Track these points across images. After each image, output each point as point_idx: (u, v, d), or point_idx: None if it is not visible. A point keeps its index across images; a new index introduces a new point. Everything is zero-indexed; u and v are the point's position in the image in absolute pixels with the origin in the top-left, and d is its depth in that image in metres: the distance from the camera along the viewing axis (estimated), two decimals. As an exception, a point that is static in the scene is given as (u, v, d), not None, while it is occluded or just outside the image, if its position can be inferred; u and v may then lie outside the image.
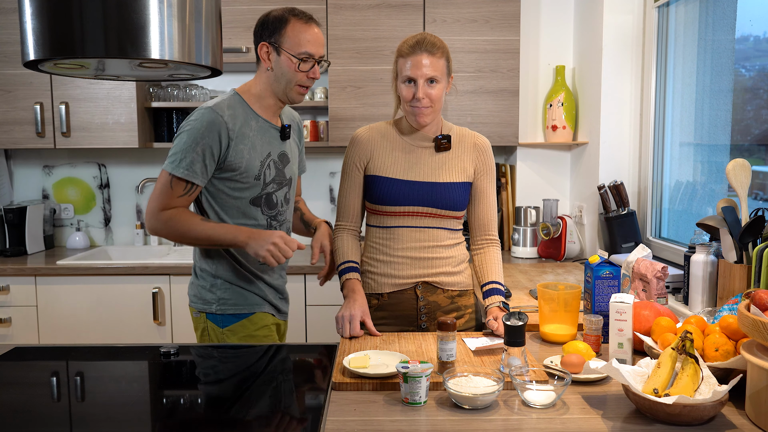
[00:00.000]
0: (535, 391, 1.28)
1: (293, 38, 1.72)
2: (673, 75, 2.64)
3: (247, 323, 1.82)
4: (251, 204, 1.79)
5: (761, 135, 2.15)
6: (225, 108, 1.72)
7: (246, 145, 1.74)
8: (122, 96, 3.06)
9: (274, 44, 1.73)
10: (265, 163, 1.79)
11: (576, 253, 3.04)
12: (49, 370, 1.57)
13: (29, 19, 1.21)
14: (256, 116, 1.79)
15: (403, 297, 1.84)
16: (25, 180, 3.47)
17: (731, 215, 1.77)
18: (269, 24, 1.74)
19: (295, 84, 1.76)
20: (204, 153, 1.69)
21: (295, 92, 1.78)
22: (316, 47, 1.74)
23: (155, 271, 2.87)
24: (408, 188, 1.81)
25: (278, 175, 1.83)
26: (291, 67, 1.73)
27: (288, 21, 1.72)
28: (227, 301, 1.81)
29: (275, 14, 1.75)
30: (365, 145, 1.85)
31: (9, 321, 2.88)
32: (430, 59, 1.74)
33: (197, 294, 1.84)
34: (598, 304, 1.65)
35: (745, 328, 1.18)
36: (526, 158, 3.33)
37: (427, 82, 1.75)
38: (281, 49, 1.73)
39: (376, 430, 1.19)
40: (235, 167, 1.73)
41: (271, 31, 1.73)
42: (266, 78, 1.77)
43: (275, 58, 1.74)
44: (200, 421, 1.28)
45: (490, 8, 3.04)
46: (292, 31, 1.72)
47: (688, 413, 1.15)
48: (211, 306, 1.81)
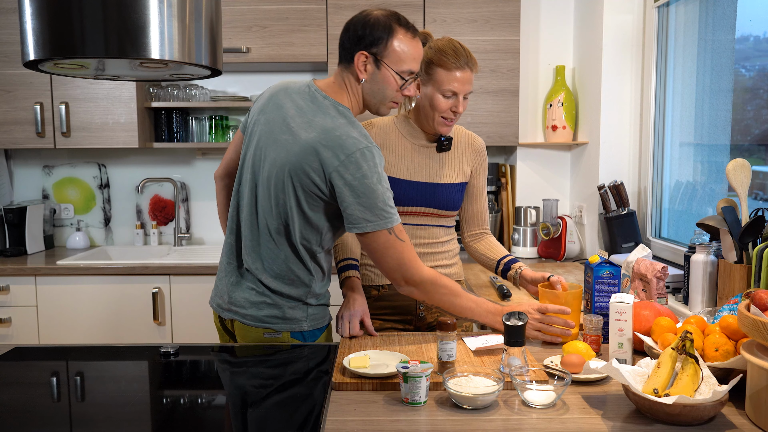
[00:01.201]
0: (535, 391, 1.28)
1: (398, 53, 1.53)
2: (673, 75, 2.64)
3: (327, 333, 1.74)
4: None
5: (761, 135, 2.15)
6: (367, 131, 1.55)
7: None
8: (122, 96, 3.06)
9: (376, 55, 1.53)
10: None
11: (576, 253, 3.04)
12: (49, 370, 1.57)
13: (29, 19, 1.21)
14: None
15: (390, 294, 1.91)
16: (25, 180, 3.47)
17: (731, 215, 1.77)
18: (372, 30, 1.52)
19: (389, 101, 1.60)
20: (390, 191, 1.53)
21: (387, 107, 1.62)
22: (418, 64, 1.58)
23: (155, 271, 2.87)
24: (411, 189, 1.85)
25: None
26: (392, 86, 1.56)
27: (394, 31, 1.53)
28: (316, 316, 1.68)
29: (377, 18, 1.54)
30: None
31: (9, 321, 2.88)
32: (471, 76, 1.77)
33: (277, 314, 1.64)
34: (598, 304, 1.65)
35: (745, 328, 1.18)
36: (526, 158, 3.33)
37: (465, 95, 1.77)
38: (382, 63, 1.54)
39: (376, 430, 1.19)
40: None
41: (374, 39, 1.52)
42: (359, 88, 1.58)
43: (373, 71, 1.55)
44: (200, 422, 1.28)
45: (490, 8, 3.04)
46: (398, 45, 1.53)
47: (688, 413, 1.15)
48: (302, 324, 1.66)
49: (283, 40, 3.03)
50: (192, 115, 3.36)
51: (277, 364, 1.61)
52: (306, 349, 1.69)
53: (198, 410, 1.34)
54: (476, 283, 2.46)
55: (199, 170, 3.47)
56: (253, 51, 3.03)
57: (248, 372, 1.57)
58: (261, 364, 1.61)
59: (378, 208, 1.48)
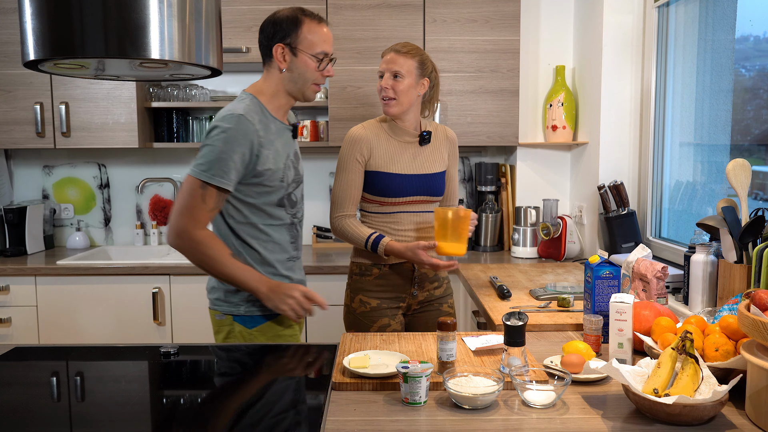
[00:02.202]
0: (535, 391, 1.28)
1: (309, 39, 1.74)
2: (673, 75, 2.64)
3: (274, 324, 1.82)
4: (277, 205, 1.79)
5: (761, 135, 2.15)
6: (253, 114, 1.70)
7: (271, 150, 1.74)
8: (122, 96, 3.06)
9: (290, 45, 1.73)
10: (286, 165, 1.80)
11: (576, 253, 3.04)
12: (49, 370, 1.57)
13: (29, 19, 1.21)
14: (273, 119, 1.79)
15: (401, 269, 2.14)
16: (25, 180, 3.47)
17: (731, 215, 1.77)
18: (282, 25, 1.73)
19: (311, 83, 1.79)
20: (237, 161, 1.66)
21: (311, 91, 1.81)
22: (329, 46, 1.79)
23: (155, 271, 2.87)
24: (407, 181, 2.10)
25: (295, 174, 1.85)
26: (310, 67, 1.75)
27: (302, 21, 1.73)
28: (255, 302, 1.78)
29: (285, 14, 1.74)
30: (365, 143, 2.08)
31: (9, 321, 2.88)
32: (396, 57, 2.06)
33: (220, 297, 1.82)
34: (598, 304, 1.65)
35: (745, 328, 1.18)
36: (526, 158, 3.32)
37: (392, 75, 2.05)
38: (298, 50, 1.74)
39: (376, 430, 1.19)
40: (263, 173, 1.72)
41: (286, 32, 1.73)
42: (280, 79, 1.77)
43: (291, 59, 1.74)
44: (200, 422, 1.28)
45: (490, 8, 3.04)
46: (307, 32, 1.73)
47: (688, 413, 1.15)
48: (239, 308, 1.79)
49: (283, 40, 3.03)
50: (192, 115, 3.36)
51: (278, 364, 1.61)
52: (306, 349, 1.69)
53: (198, 410, 1.34)
54: (476, 283, 2.46)
55: (199, 170, 3.47)
56: (253, 51, 3.03)
57: (248, 372, 1.57)
58: (261, 364, 1.62)
59: (208, 162, 1.64)
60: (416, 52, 2.09)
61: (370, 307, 2.13)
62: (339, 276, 2.89)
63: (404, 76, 2.05)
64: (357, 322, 2.15)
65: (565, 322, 1.87)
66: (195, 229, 1.66)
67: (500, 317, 1.78)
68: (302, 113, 3.43)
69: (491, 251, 3.30)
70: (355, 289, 2.16)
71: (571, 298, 2.05)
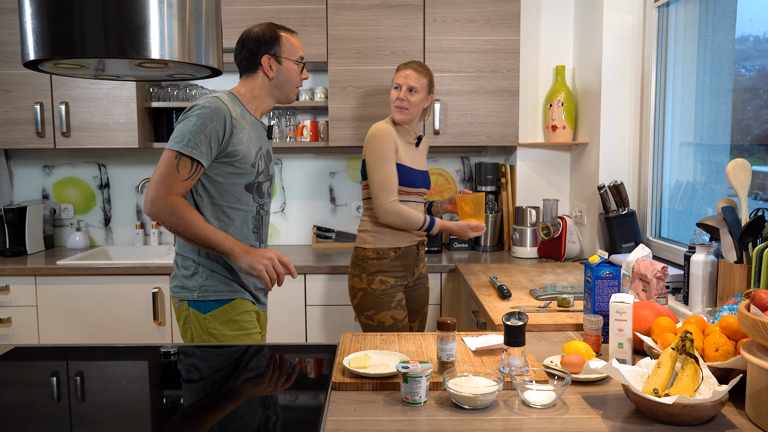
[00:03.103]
0: (535, 391, 1.28)
1: (289, 47, 1.96)
2: (673, 75, 2.64)
3: (228, 308, 1.89)
4: (245, 190, 1.90)
5: (761, 135, 2.15)
6: (227, 100, 1.85)
7: (244, 134, 1.86)
8: (122, 96, 3.06)
9: (275, 55, 1.94)
10: (258, 154, 1.92)
11: (576, 253, 3.04)
12: (49, 370, 1.57)
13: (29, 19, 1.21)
14: (249, 113, 1.95)
15: (410, 250, 2.50)
16: (25, 180, 3.47)
17: (731, 215, 1.77)
18: (264, 39, 1.93)
19: (294, 86, 2.00)
20: (210, 136, 1.77)
21: (294, 93, 2.03)
22: (302, 50, 2.02)
23: (155, 271, 2.87)
24: (416, 175, 2.49)
25: (266, 168, 1.97)
26: (294, 72, 1.98)
27: (279, 35, 1.95)
28: (208, 288, 1.88)
29: (263, 30, 1.93)
30: (395, 138, 2.42)
31: (9, 321, 2.88)
32: (414, 74, 2.43)
33: (178, 284, 1.92)
34: (598, 304, 1.65)
35: (745, 328, 1.18)
36: (526, 158, 3.32)
37: (408, 89, 2.42)
38: (282, 58, 1.95)
39: (376, 430, 1.19)
40: (236, 153, 1.83)
41: (269, 44, 1.93)
42: (264, 85, 1.96)
43: (276, 68, 1.95)
44: (200, 422, 1.28)
45: (490, 8, 3.04)
46: (286, 42, 1.96)
47: (688, 413, 1.15)
48: (193, 293, 1.88)
49: (283, 40, 3.03)
50: (192, 115, 3.35)
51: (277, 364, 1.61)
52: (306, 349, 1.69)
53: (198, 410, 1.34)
54: (476, 283, 2.46)
55: (199, 170, 3.47)
56: (253, 51, 3.02)
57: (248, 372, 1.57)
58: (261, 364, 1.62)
59: (181, 135, 1.75)
60: (428, 71, 2.48)
61: (390, 285, 2.46)
62: (338, 276, 2.89)
63: (418, 91, 2.43)
64: (377, 301, 2.44)
65: (565, 322, 1.87)
66: (169, 195, 1.75)
67: (500, 317, 1.78)
68: (302, 113, 3.43)
69: (491, 251, 3.30)
70: (373, 272, 2.45)
71: (571, 298, 2.05)
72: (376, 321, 2.45)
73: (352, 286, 2.51)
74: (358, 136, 3.08)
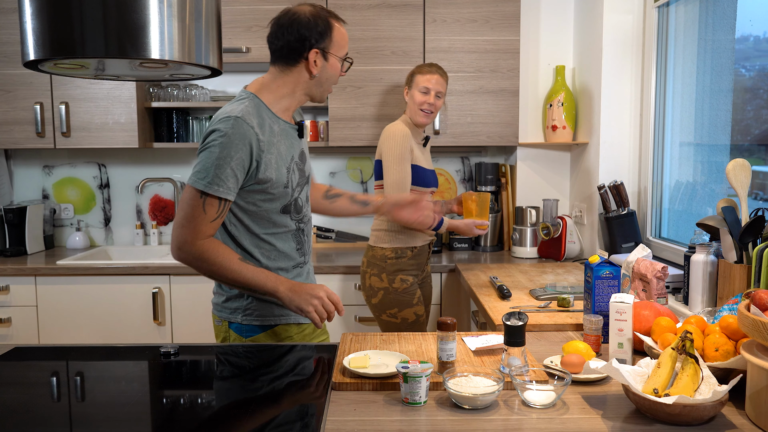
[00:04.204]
0: (535, 391, 1.28)
1: (338, 42, 1.71)
2: (673, 75, 2.64)
3: (271, 334, 1.76)
4: (282, 212, 1.71)
5: (761, 135, 2.15)
6: (252, 116, 1.60)
7: (273, 154, 1.64)
8: (122, 96, 3.06)
9: (323, 50, 1.68)
10: (290, 169, 1.70)
11: (576, 253, 3.04)
12: (49, 370, 1.57)
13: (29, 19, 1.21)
14: (277, 119, 1.70)
15: (423, 249, 2.59)
16: (25, 180, 3.47)
17: (731, 215, 1.77)
18: (317, 29, 1.65)
19: (332, 85, 1.76)
20: (236, 168, 1.56)
21: (329, 92, 1.79)
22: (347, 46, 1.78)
23: (155, 271, 2.87)
24: (431, 175, 2.60)
25: (300, 176, 1.76)
26: (337, 70, 1.74)
27: (333, 26, 1.69)
28: (253, 312, 1.73)
29: (315, 16, 1.66)
30: (411, 140, 2.48)
31: (9, 321, 2.88)
32: (441, 80, 2.53)
33: (220, 302, 1.77)
34: (598, 304, 1.65)
35: (745, 328, 1.18)
36: (526, 158, 3.32)
37: (435, 94, 2.52)
38: (329, 54, 1.69)
39: (376, 430, 1.19)
40: (266, 180, 1.63)
41: (320, 35, 1.66)
42: (302, 81, 1.70)
43: (322, 64, 1.69)
44: (200, 422, 1.28)
45: (490, 8, 3.04)
46: (337, 35, 1.70)
47: (688, 413, 1.15)
48: (237, 315, 1.73)
49: (283, 40, 3.03)
50: (192, 115, 3.36)
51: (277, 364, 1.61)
52: (306, 349, 1.69)
53: (198, 410, 1.34)
54: (476, 283, 2.46)
55: (199, 170, 3.47)
56: (253, 51, 3.03)
57: (248, 372, 1.57)
58: (261, 364, 1.61)
59: (205, 170, 1.55)
60: (447, 75, 2.59)
61: (410, 283, 2.52)
62: (339, 276, 2.89)
63: (442, 96, 2.56)
64: (399, 300, 2.50)
65: (565, 322, 1.87)
66: (196, 240, 1.57)
67: (500, 317, 1.78)
68: (303, 113, 3.43)
69: (491, 251, 3.30)
70: (393, 271, 2.51)
71: (571, 298, 2.05)
72: (400, 318, 2.51)
73: (370, 285, 2.52)
74: (358, 136, 3.08)
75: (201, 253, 1.57)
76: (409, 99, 2.55)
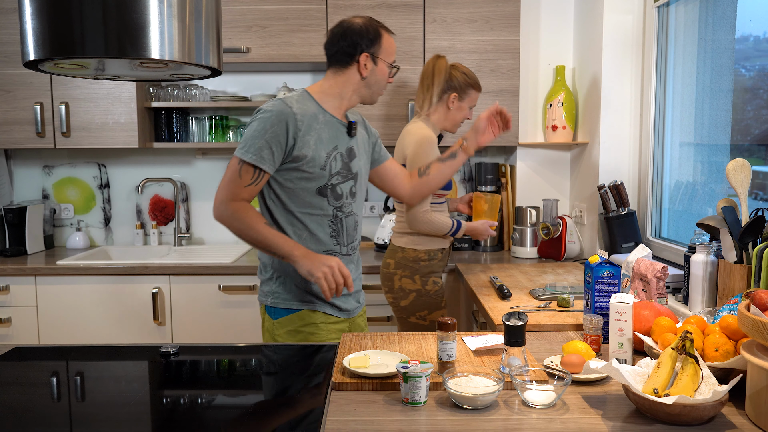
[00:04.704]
0: (535, 391, 1.28)
1: (387, 49, 1.91)
2: (673, 75, 2.64)
3: (294, 318, 1.88)
4: (317, 194, 1.84)
5: (761, 135, 2.15)
6: (294, 101, 1.81)
7: (312, 136, 1.80)
8: (122, 96, 3.06)
9: (373, 54, 1.88)
10: (330, 155, 1.84)
11: (576, 253, 3.04)
12: (49, 370, 1.57)
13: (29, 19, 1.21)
14: (324, 112, 1.87)
15: (447, 251, 2.58)
16: (25, 180, 3.47)
17: (731, 215, 1.77)
18: (368, 36, 1.87)
19: (381, 89, 1.96)
20: (271, 140, 1.74)
21: (378, 95, 1.97)
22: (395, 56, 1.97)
23: (155, 271, 2.87)
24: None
25: (344, 168, 1.88)
26: (385, 75, 1.93)
27: (382, 34, 1.90)
28: (279, 295, 1.88)
29: (366, 25, 1.88)
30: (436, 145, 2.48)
31: (9, 321, 2.88)
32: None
33: (260, 287, 1.95)
34: (598, 304, 1.65)
35: (745, 328, 1.18)
36: (526, 158, 3.32)
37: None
38: (378, 59, 1.89)
39: (376, 430, 1.19)
40: (302, 157, 1.78)
41: (370, 42, 1.87)
42: (354, 82, 1.89)
43: (371, 68, 1.89)
44: (200, 422, 1.28)
45: (490, 8, 3.04)
46: (386, 43, 1.91)
47: (688, 413, 1.15)
48: (267, 298, 1.90)
49: (283, 40, 3.03)
50: (192, 115, 3.36)
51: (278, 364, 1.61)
52: (306, 349, 1.69)
53: (198, 410, 1.34)
54: (476, 283, 2.46)
55: (199, 170, 3.47)
56: (253, 51, 3.03)
57: (248, 372, 1.57)
58: (261, 364, 1.62)
59: (245, 141, 1.76)
60: None
61: (440, 285, 2.53)
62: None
63: None
64: (431, 302, 2.49)
65: (565, 322, 1.87)
66: (231, 201, 1.76)
67: (500, 317, 1.78)
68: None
69: (491, 251, 3.30)
70: (426, 273, 2.49)
71: (571, 298, 2.05)
72: (428, 321, 2.50)
73: (400, 287, 2.49)
74: (358, 136, 3.07)
75: (233, 212, 1.76)
76: (453, 108, 2.48)
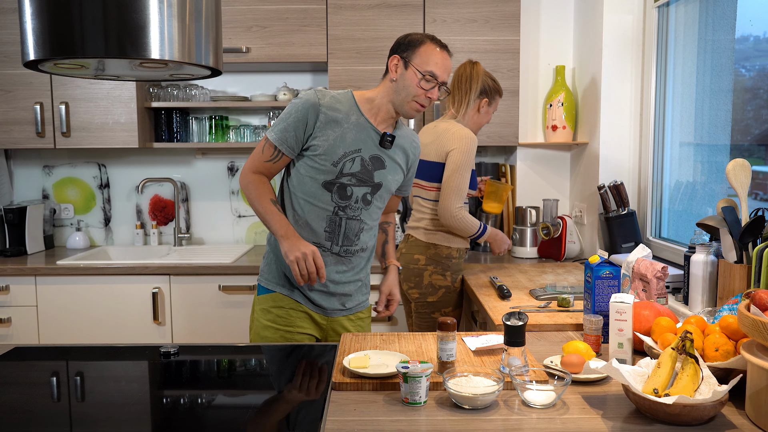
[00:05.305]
0: (535, 391, 1.28)
1: (424, 57, 1.84)
2: (673, 75, 2.64)
3: (268, 298, 1.95)
4: (323, 187, 1.85)
5: (761, 135, 2.15)
6: (329, 95, 1.85)
7: (335, 132, 1.82)
8: (122, 96, 3.06)
9: (405, 58, 1.85)
10: (348, 156, 1.84)
11: (576, 253, 3.04)
12: (49, 370, 1.57)
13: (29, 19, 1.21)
14: (360, 114, 1.87)
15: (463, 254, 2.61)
16: (25, 180, 3.47)
17: (731, 215, 1.77)
18: (406, 41, 1.87)
19: (412, 99, 1.84)
20: (291, 125, 1.81)
21: (410, 107, 1.86)
22: (441, 71, 1.85)
23: (155, 271, 2.87)
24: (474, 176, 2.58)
25: (364, 173, 1.87)
26: (414, 82, 1.83)
27: (424, 42, 1.85)
28: (264, 274, 1.98)
29: (415, 36, 1.88)
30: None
31: (9, 321, 2.88)
32: None
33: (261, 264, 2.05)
34: (598, 304, 1.65)
35: (745, 328, 1.18)
36: (526, 158, 3.33)
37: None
38: (409, 64, 1.84)
39: (376, 430, 1.19)
40: (315, 147, 1.82)
41: (406, 47, 1.86)
42: (387, 88, 1.88)
43: (401, 71, 1.85)
44: (200, 422, 1.28)
45: (490, 8, 3.04)
46: (425, 51, 1.84)
47: (688, 413, 1.15)
48: (260, 276, 2.00)
49: (283, 40, 3.03)
50: (192, 115, 3.36)
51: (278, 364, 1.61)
52: (306, 349, 1.69)
53: (198, 410, 1.34)
54: (476, 283, 2.46)
55: (199, 170, 3.47)
56: (253, 51, 3.03)
57: (248, 372, 1.57)
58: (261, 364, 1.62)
59: (276, 122, 1.86)
60: None
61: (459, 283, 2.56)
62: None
63: None
64: (457, 299, 2.57)
65: (565, 322, 1.87)
66: (250, 172, 1.87)
67: (500, 317, 1.78)
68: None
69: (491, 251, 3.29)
70: (456, 270, 2.55)
71: (571, 298, 2.05)
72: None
73: (430, 283, 2.51)
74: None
75: (248, 182, 1.87)
76: (483, 112, 2.53)
